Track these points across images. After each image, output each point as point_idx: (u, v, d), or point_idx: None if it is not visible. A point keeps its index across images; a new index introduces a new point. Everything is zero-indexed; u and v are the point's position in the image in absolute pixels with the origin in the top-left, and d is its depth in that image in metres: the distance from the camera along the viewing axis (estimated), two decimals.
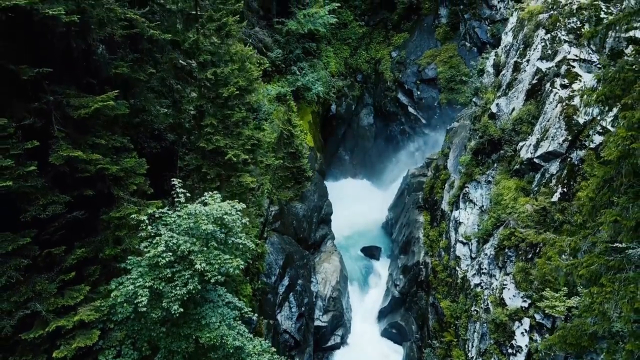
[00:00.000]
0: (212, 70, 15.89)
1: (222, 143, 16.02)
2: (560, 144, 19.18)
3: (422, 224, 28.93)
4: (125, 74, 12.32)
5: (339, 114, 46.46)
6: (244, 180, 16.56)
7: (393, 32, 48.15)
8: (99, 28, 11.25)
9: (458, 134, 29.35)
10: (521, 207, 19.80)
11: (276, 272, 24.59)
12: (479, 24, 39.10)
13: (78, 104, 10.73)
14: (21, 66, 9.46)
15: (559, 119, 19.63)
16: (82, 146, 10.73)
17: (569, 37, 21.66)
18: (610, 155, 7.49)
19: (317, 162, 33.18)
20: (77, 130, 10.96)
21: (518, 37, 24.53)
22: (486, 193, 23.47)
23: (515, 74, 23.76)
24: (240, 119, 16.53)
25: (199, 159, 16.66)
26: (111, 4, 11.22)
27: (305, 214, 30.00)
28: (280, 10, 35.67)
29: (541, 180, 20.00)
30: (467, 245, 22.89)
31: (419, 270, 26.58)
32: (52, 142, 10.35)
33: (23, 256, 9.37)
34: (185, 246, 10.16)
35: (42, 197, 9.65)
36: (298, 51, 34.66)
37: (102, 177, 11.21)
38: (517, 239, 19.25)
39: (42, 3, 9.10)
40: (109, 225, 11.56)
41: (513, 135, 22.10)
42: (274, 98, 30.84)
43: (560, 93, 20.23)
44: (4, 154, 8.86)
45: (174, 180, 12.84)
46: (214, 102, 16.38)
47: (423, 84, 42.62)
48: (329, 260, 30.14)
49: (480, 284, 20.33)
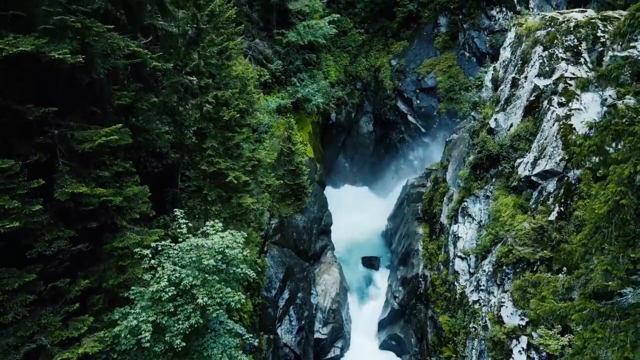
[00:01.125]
0: (214, 93, 16.10)
1: (223, 165, 16.22)
2: (558, 163, 19.38)
3: (421, 235, 29.13)
4: (128, 103, 12.53)
5: (338, 122, 46.68)
6: (245, 201, 16.76)
7: (393, 40, 48.34)
8: (102, 61, 11.45)
9: (457, 147, 29.54)
10: (519, 225, 20.01)
11: (276, 286, 24.79)
12: (478, 34, 39.31)
13: (82, 137, 10.93)
14: (27, 106, 9.65)
15: (556, 137, 19.84)
16: (86, 179, 10.92)
17: (566, 54, 21.85)
18: (601, 210, 7.70)
19: (316, 173, 33.39)
20: (81, 162, 11.15)
21: (516, 53, 24.72)
22: (484, 208, 23.66)
23: (513, 90, 23.96)
24: (241, 141, 16.72)
25: (200, 179, 16.86)
26: (114, 38, 11.43)
27: (306, 226, 30.23)
28: (280, 20, 35.88)
29: (539, 198, 20.20)
30: (465, 260, 23.08)
31: (418, 282, 26.77)
32: (57, 177, 10.54)
33: (29, 292, 9.57)
34: (188, 280, 10.36)
35: (47, 232, 9.85)
36: (298, 62, 34.88)
37: (105, 208, 11.41)
38: (515, 256, 19.47)
39: (47, 46, 9.30)
40: (113, 254, 11.75)
41: (511, 151, 22.30)
42: (274, 110, 31.13)
43: (557, 111, 20.44)
44: (11, 193, 9.06)
45: (177, 210, 13.05)
46: (215, 124, 16.58)
47: (422, 93, 42.82)
48: (329, 272, 30.34)
49: (479, 300, 20.53)
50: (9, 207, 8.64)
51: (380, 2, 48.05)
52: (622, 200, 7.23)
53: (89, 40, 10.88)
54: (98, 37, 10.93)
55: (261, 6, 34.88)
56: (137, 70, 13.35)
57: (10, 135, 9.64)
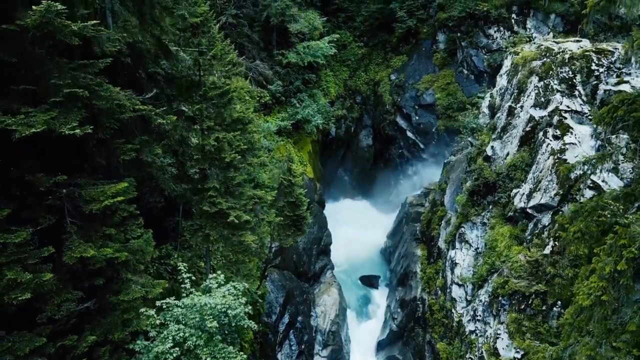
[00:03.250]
0: (215, 135, 16.50)
1: (225, 205, 16.60)
2: (552, 198, 19.78)
3: (420, 257, 29.53)
4: (133, 157, 12.92)
5: (338, 136, 47.05)
6: (246, 239, 17.15)
7: (392, 54, 48.75)
8: (108, 122, 11.85)
9: (455, 169, 29.93)
10: (514, 257, 20.41)
11: (277, 311, 25.18)
12: (476, 52, 39.71)
13: (89, 197, 11.32)
14: (38, 175, 10.06)
15: (550, 171, 20.23)
16: (92, 237, 11.32)
17: (561, 86, 22.26)
18: (584, 302, 8.10)
19: (316, 193, 33.78)
20: (89, 220, 11.55)
21: (512, 82, 25.13)
22: (482, 235, 24.05)
23: (509, 119, 24.37)
24: (243, 181, 17.12)
25: (202, 218, 17.25)
26: (120, 98, 11.82)
27: (305, 247, 30.63)
28: (280, 41, 36.30)
29: (534, 230, 20.60)
30: (462, 287, 23.47)
31: (416, 306, 27.17)
32: (65, 238, 10.94)
33: (40, 354, 9.97)
34: (192, 340, 10.77)
35: (56, 295, 10.25)
36: (298, 83, 35.30)
37: (111, 263, 11.81)
38: (510, 288, 19.85)
39: (57, 120, 9.70)
40: (117, 306, 12.14)
41: (507, 181, 22.70)
42: (274, 132, 31.54)
43: (552, 145, 20.84)
44: (22, 263, 9.46)
45: (180, 265, 13.45)
46: (216, 165, 16.98)
47: (421, 109, 43.22)
48: (328, 292, 30.73)
49: (475, 330, 20.92)
50: (21, 280, 9.03)
51: (379, 17, 48.53)
52: (603, 297, 7.63)
53: (96, 103, 11.30)
54: (104, 100, 11.34)
55: (261, 27, 35.30)
56: (142, 122, 13.75)
57: (21, 205, 10.03)
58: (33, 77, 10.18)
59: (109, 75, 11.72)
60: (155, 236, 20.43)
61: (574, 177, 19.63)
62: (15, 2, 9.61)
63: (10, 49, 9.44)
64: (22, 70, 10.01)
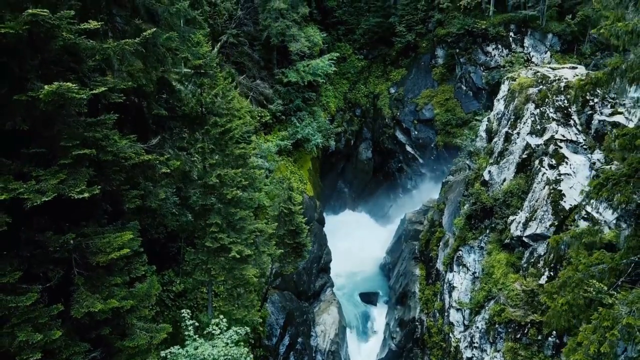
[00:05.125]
0: (217, 172, 16.88)
1: (227, 241, 16.98)
2: (547, 228, 20.14)
3: (418, 277, 29.89)
4: (139, 205, 13.30)
5: (338, 149, 47.40)
6: (247, 273, 17.52)
7: (391, 67, 49.15)
8: (114, 174, 12.23)
9: (453, 190, 30.28)
10: (511, 285, 20.78)
11: (277, 333, 25.53)
12: (475, 69, 40.09)
13: (96, 249, 11.68)
14: (48, 235, 10.43)
15: (546, 201, 20.60)
16: (99, 288, 11.69)
17: (556, 115, 22.63)
18: None
19: (316, 212, 34.14)
20: (95, 270, 11.91)
21: (509, 107, 25.49)
22: (479, 259, 24.41)
23: (506, 144, 24.73)
24: (245, 216, 17.48)
25: (204, 252, 17.62)
26: (126, 151, 12.19)
27: (306, 266, 30.97)
28: (280, 59, 36.68)
29: (530, 259, 20.96)
30: (460, 311, 23.84)
31: (415, 326, 27.54)
32: (73, 290, 11.31)
33: None
34: None
35: (65, 350, 10.61)
36: (298, 101, 35.66)
37: (117, 312, 12.17)
38: (507, 316, 20.22)
39: (66, 182, 10.07)
40: (123, 351, 12.51)
41: (504, 208, 23.06)
42: (275, 152, 31.90)
43: (547, 174, 21.20)
44: (33, 323, 9.83)
45: (183, 311, 13.79)
46: (218, 200, 17.35)
47: (420, 124, 43.61)
48: (328, 311, 31.08)
49: (472, 358, 21.27)
50: (32, 341, 9.39)
51: (378, 31, 48.91)
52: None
53: (103, 157, 11.67)
54: (111, 154, 11.71)
55: (262, 46, 35.68)
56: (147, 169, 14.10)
57: (31, 264, 10.39)
58: (43, 139, 10.55)
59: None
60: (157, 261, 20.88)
61: (568, 208, 20.03)
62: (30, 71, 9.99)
63: (22, 116, 9.81)
64: (32, 133, 10.37)
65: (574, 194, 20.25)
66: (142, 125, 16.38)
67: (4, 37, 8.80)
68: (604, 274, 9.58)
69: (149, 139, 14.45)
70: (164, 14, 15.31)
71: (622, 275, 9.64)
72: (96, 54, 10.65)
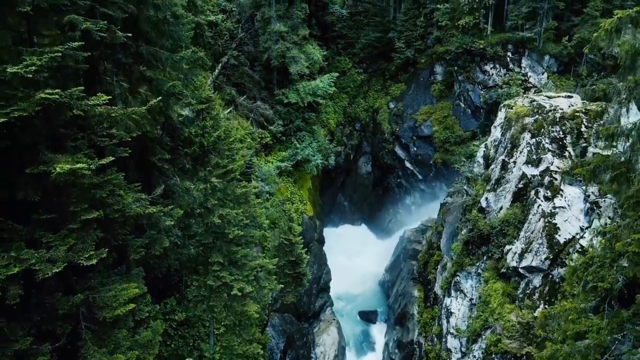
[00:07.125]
0: (219, 212, 17.28)
1: (229, 279, 17.38)
2: (542, 261, 20.56)
3: (417, 299, 30.28)
4: (143, 255, 13.73)
5: (337, 164, 47.76)
6: (248, 309, 17.93)
7: (391, 81, 49.44)
8: (120, 229, 12.65)
9: (451, 212, 30.69)
10: (507, 316, 21.19)
11: (277, 358, 25.94)
12: (473, 87, 40.50)
13: (103, 303, 12.11)
14: (57, 297, 10.85)
15: (541, 234, 21.01)
16: (105, 342, 12.11)
17: (552, 146, 23.05)
18: None
19: (316, 232, 34.54)
20: (102, 325, 12.33)
21: (506, 135, 25.90)
22: (476, 285, 24.82)
23: (503, 172, 25.14)
24: (246, 254, 17.89)
25: (206, 290, 18.02)
26: (132, 207, 12.61)
27: (306, 288, 31.34)
28: (280, 79, 37.05)
29: (525, 290, 21.38)
30: (457, 338, 24.25)
31: (413, 349, 27.94)
32: (81, 345, 11.73)
33: None
34: None
35: None
36: (298, 121, 36.04)
37: None
38: (503, 347, 20.63)
39: (74, 248, 10.49)
40: None
41: (500, 237, 23.46)
42: (275, 174, 32.31)
43: (543, 206, 21.62)
44: None
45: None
46: (220, 239, 17.76)
47: (419, 140, 44.01)
48: (328, 331, 31.48)
49: None
50: None
51: (378, 45, 49.29)
52: None
53: (111, 215, 12.09)
54: (118, 212, 12.13)
55: (262, 67, 36.08)
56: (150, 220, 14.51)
57: (41, 324, 10.81)
58: (52, 204, 10.97)
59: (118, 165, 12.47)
60: (158, 290, 21.32)
61: (563, 242, 20.45)
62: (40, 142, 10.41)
63: (34, 187, 10.22)
64: (42, 200, 10.79)
65: (568, 228, 20.69)
66: (146, 168, 16.82)
67: (17, 119, 9.21)
68: (589, 349, 9.97)
69: (153, 185, 14.85)
70: (167, 61, 15.75)
71: (606, 352, 10.04)
72: (104, 121, 11.07)
